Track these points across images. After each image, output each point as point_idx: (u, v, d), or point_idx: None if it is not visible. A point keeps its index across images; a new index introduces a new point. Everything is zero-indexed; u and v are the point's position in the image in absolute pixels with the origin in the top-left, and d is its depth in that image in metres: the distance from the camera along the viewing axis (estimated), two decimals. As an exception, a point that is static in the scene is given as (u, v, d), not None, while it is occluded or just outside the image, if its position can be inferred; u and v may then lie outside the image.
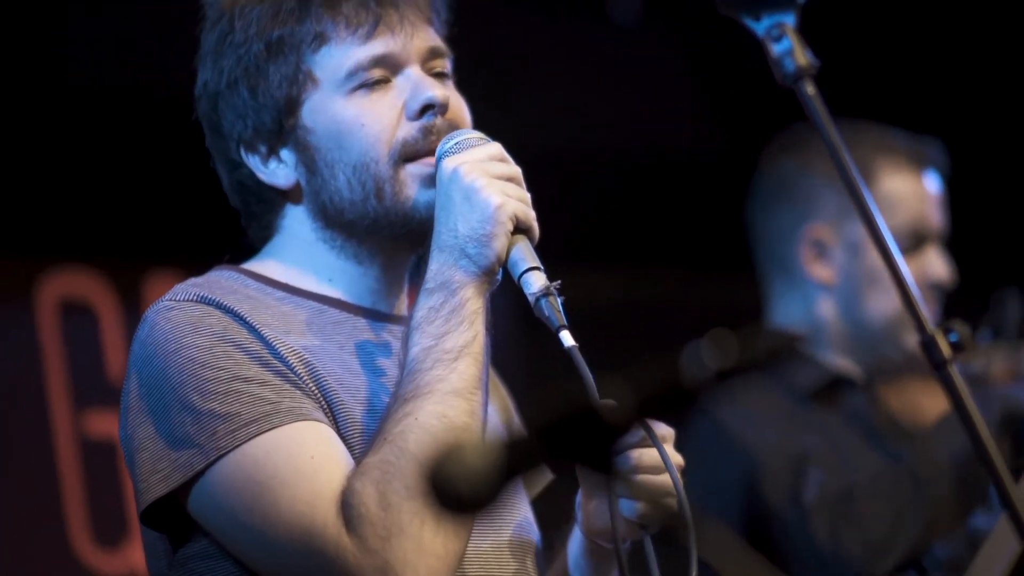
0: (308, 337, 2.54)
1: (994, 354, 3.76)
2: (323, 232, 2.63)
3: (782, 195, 3.97)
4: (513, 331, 3.77)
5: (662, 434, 2.45)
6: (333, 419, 2.49)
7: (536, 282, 2.45)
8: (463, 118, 2.62)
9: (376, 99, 2.59)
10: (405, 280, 2.67)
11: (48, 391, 4.63)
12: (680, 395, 1.81)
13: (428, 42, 2.63)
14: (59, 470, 4.62)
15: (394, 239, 2.61)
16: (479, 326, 2.48)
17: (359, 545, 2.38)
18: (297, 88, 2.61)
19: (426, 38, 2.63)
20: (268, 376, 2.46)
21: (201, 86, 2.67)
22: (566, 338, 2.43)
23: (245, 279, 2.62)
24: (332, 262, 2.63)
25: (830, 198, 3.89)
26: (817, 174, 3.91)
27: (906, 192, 3.91)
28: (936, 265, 3.90)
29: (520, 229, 2.49)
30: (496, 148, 2.54)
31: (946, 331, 2.26)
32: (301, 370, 2.48)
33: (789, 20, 2.30)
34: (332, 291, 2.63)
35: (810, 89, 2.29)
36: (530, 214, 2.50)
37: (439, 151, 2.55)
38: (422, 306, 2.49)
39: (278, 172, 2.64)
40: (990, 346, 3.77)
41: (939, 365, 2.25)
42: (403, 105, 2.59)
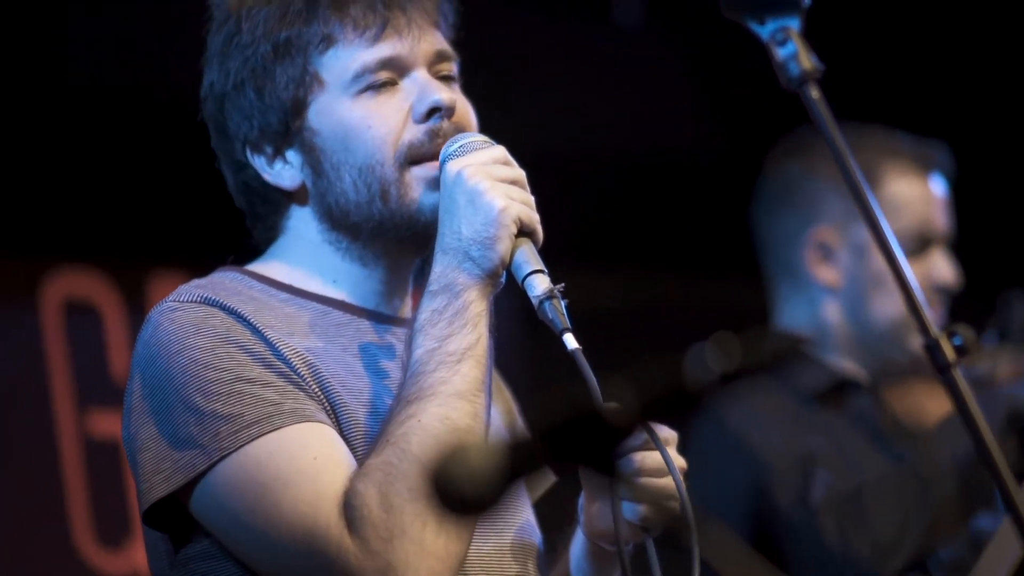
0: (311, 339, 2.54)
1: (1000, 356, 3.75)
2: (328, 234, 2.63)
3: (787, 199, 3.97)
4: (517, 334, 3.77)
5: (665, 437, 2.45)
6: (336, 421, 2.48)
7: (540, 285, 2.45)
8: (469, 121, 2.62)
9: (383, 101, 2.59)
10: (409, 282, 2.67)
11: (52, 391, 4.63)
12: (684, 398, 1.81)
13: (435, 45, 2.63)
14: (62, 470, 4.61)
15: (399, 241, 2.60)
16: (483, 329, 2.48)
17: (361, 546, 2.38)
18: (304, 90, 2.60)
19: (433, 41, 2.63)
20: (271, 377, 2.46)
21: (207, 87, 2.67)
22: (570, 341, 2.42)
23: (249, 280, 2.61)
24: (337, 264, 2.63)
25: (835, 201, 3.89)
26: (822, 177, 3.91)
27: (911, 195, 3.91)
28: (941, 268, 3.89)
29: (524, 232, 2.48)
30: (500, 151, 2.53)
31: (950, 335, 2.26)
32: (304, 372, 2.48)
33: (793, 24, 2.30)
34: (336, 293, 2.63)
35: (815, 93, 2.29)
36: (534, 217, 2.49)
37: (443, 154, 2.54)
38: (426, 308, 2.49)
39: (284, 173, 2.63)
40: (996, 348, 3.76)
41: (943, 368, 2.25)
42: (409, 108, 2.59)
